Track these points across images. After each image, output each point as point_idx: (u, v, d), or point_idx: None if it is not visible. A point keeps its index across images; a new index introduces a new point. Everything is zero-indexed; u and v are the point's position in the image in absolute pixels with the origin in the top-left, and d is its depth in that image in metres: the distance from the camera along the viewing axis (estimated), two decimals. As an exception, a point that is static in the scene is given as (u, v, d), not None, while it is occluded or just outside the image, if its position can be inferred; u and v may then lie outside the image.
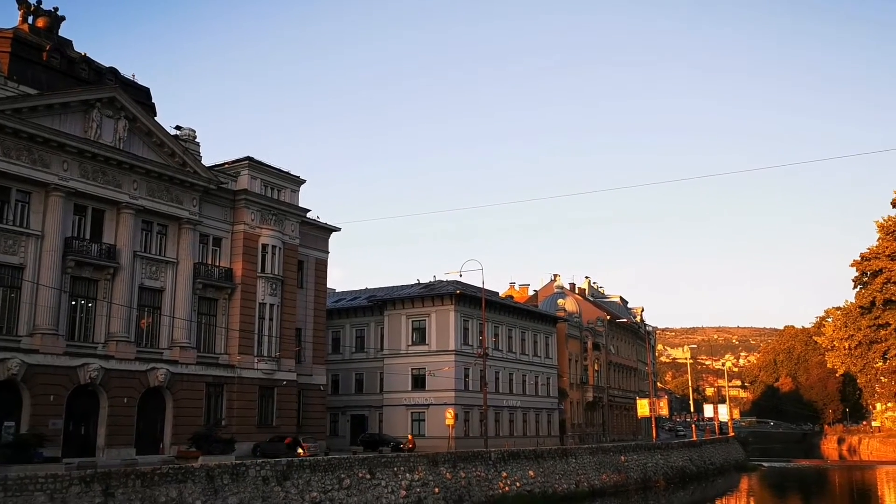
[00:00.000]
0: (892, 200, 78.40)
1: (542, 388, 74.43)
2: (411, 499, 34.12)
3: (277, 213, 50.74)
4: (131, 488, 23.46)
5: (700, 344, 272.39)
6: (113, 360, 40.15)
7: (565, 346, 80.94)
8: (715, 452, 75.54)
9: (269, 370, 48.62)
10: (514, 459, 42.69)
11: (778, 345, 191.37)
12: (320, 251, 57.28)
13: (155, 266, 44.03)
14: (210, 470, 26.62)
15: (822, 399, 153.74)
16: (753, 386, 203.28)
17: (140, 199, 42.69)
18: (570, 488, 45.52)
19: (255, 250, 49.14)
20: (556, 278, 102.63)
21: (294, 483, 29.50)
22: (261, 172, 50.33)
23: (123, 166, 41.72)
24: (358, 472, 32.60)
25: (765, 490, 64.70)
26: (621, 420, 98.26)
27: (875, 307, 77.53)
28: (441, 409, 57.37)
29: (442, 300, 63.67)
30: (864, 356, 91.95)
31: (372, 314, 67.98)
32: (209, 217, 47.22)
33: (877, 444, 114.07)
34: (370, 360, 67.02)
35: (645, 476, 54.61)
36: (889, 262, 75.96)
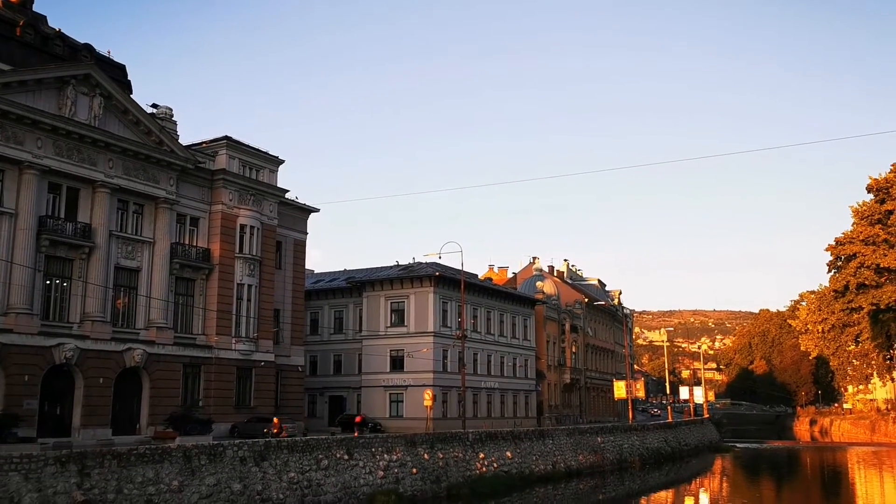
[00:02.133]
0: (868, 186, 79.27)
1: (519, 369, 74.81)
2: (389, 479, 34.21)
3: (256, 193, 50.36)
4: (107, 468, 23.32)
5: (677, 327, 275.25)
6: (88, 340, 39.80)
7: (543, 328, 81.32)
8: (690, 434, 76.36)
9: (246, 351, 48.44)
10: (492, 441, 42.89)
11: (753, 328, 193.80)
12: (299, 232, 56.99)
13: (131, 246, 43.59)
14: (187, 450, 26.51)
15: (796, 381, 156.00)
16: (728, 368, 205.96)
17: (116, 178, 42.17)
18: (548, 469, 45.85)
19: (234, 231, 48.78)
20: (535, 261, 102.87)
21: (272, 464, 29.47)
22: (239, 152, 49.89)
23: (98, 144, 41.16)
24: (336, 452, 32.60)
25: (738, 470, 65.56)
26: (598, 402, 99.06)
27: (848, 291, 78.58)
28: (419, 391, 57.50)
29: (421, 282, 63.67)
30: (836, 339, 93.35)
31: (350, 296, 67.87)
32: (186, 197, 46.77)
33: (848, 426, 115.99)
34: (349, 342, 66.98)
35: (621, 457, 55.12)
36: (863, 246, 76.90)
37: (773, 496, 49.03)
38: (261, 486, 28.51)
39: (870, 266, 74.99)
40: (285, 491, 29.38)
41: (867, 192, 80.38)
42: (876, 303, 73.75)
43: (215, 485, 26.69)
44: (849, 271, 78.06)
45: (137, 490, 23.85)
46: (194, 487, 25.85)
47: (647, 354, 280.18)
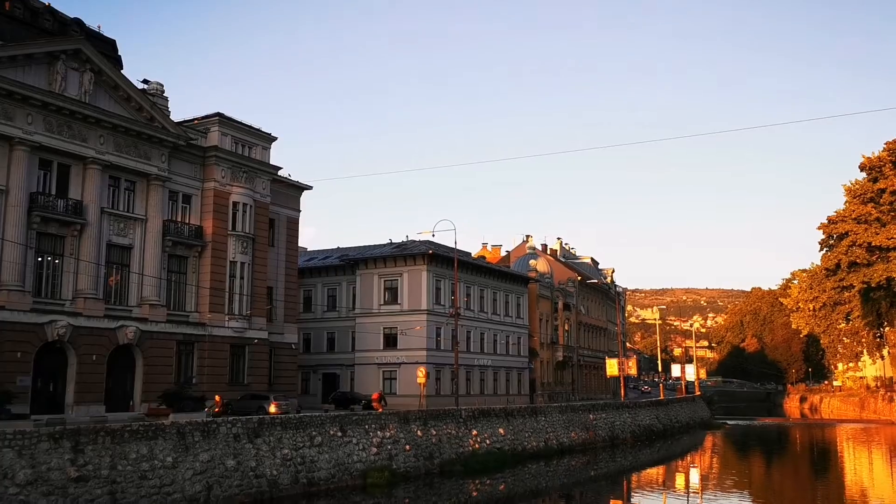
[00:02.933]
0: (861, 164, 79.31)
1: (512, 347, 75.10)
2: (382, 456, 34.39)
3: (248, 170, 50.12)
4: (101, 445, 23.36)
5: (669, 305, 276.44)
6: (81, 317, 39.73)
7: (536, 306, 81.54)
8: (681, 411, 76.94)
9: (240, 328, 48.45)
10: (485, 417, 43.12)
11: (745, 306, 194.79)
12: (292, 209, 56.82)
13: (123, 223, 43.40)
14: (181, 427, 26.56)
15: (786, 359, 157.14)
16: (720, 346, 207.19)
17: (107, 155, 41.88)
18: (540, 446, 46.16)
19: (226, 208, 48.60)
20: (529, 239, 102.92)
21: (265, 440, 29.57)
22: (231, 129, 49.59)
23: (89, 120, 40.84)
24: (329, 429, 32.73)
25: (728, 447, 66.17)
26: (590, 379, 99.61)
27: (840, 269, 78.88)
28: (412, 368, 57.69)
29: (414, 260, 63.69)
30: (827, 317, 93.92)
31: (344, 273, 67.87)
32: (178, 174, 46.51)
33: (837, 403, 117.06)
34: (342, 319, 67.05)
35: (613, 434, 55.52)
36: (855, 225, 77.09)
37: (762, 472, 49.50)
38: (254, 463, 28.63)
39: (861, 244, 75.22)
40: (279, 467, 29.51)
41: (860, 171, 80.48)
42: (867, 281, 74.10)
43: (209, 461, 26.79)
44: (840, 250, 78.31)
45: (131, 466, 23.92)
46: (188, 464, 25.94)
47: (639, 332, 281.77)
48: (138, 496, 23.67)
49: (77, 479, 22.13)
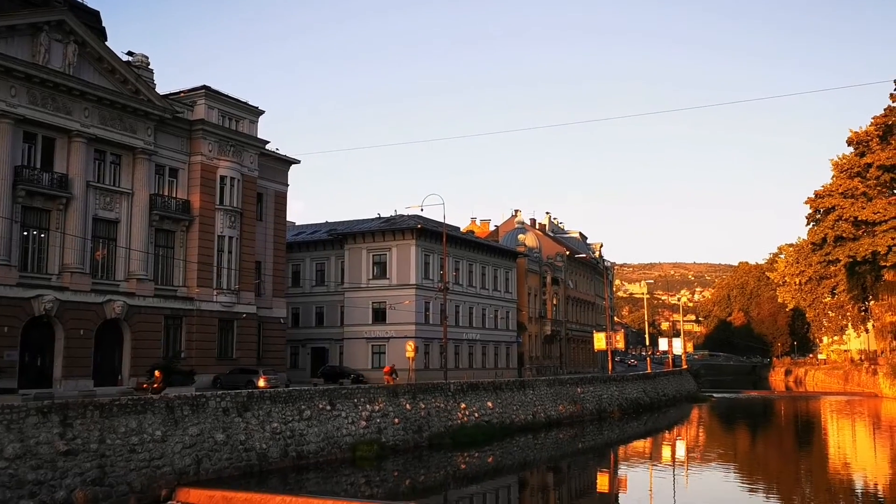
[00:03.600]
0: (848, 139, 79.43)
1: (501, 321, 75.36)
2: (371, 429, 34.56)
3: (235, 144, 49.76)
4: (90, 419, 23.34)
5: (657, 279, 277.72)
6: (68, 291, 39.56)
7: (525, 280, 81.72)
8: (668, 384, 77.54)
9: (228, 303, 48.38)
10: (473, 391, 43.36)
11: (732, 280, 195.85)
12: (280, 183, 56.53)
13: (109, 197, 43.07)
14: (170, 401, 26.57)
15: (772, 333, 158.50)
16: (707, 320, 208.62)
17: (92, 128, 41.46)
18: (528, 419, 46.49)
19: (213, 182, 48.30)
20: (517, 214, 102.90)
21: (255, 414, 29.65)
22: (218, 102, 49.15)
23: (74, 93, 40.36)
24: (318, 403, 32.83)
25: (714, 420, 66.85)
26: (578, 353, 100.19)
27: (826, 244, 79.28)
28: (401, 342, 57.83)
29: (403, 234, 63.61)
30: (813, 291, 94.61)
31: (332, 248, 67.75)
32: (165, 147, 46.14)
33: (822, 376, 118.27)
34: (331, 294, 67.04)
35: (600, 407, 55.96)
36: (841, 199, 77.39)
37: (747, 444, 50.08)
38: (244, 437, 28.72)
39: (848, 219, 75.59)
40: (268, 441, 29.62)
41: (847, 146, 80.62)
42: (853, 255, 74.53)
43: (198, 435, 26.85)
44: (827, 224, 78.65)
45: (120, 440, 23.94)
46: (177, 437, 25.98)
47: (627, 307, 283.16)
48: (127, 469, 23.72)
49: (66, 453, 22.14)
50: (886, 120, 75.22)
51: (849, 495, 29.84)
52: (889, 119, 75.05)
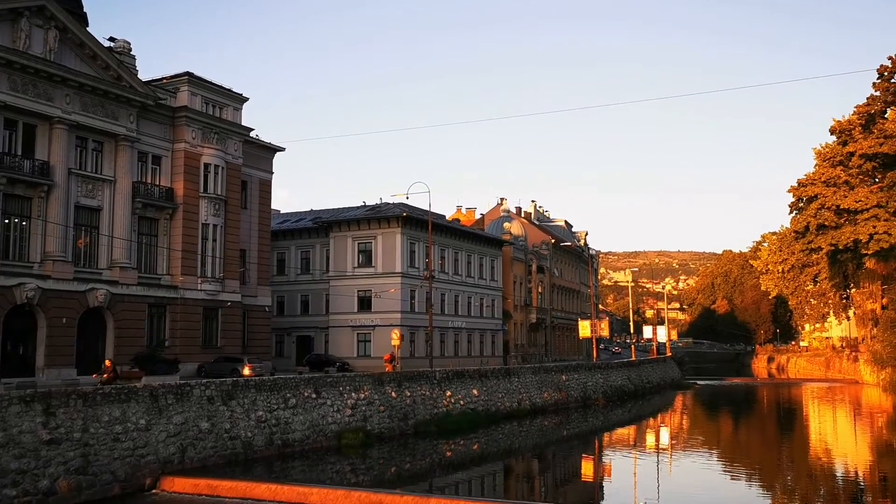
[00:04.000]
0: (831, 128, 79.80)
1: (486, 309, 75.48)
2: (357, 417, 34.57)
3: (219, 131, 49.41)
4: (73, 408, 23.19)
5: (641, 267, 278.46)
6: (50, 279, 39.24)
7: (510, 268, 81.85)
8: (652, 372, 77.99)
9: (213, 291, 48.16)
10: (459, 379, 43.42)
11: (716, 268, 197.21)
12: (264, 171, 56.24)
13: (91, 184, 42.69)
14: (154, 390, 26.43)
15: (756, 320, 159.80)
16: (691, 308, 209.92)
17: (73, 115, 41.03)
18: (513, 406, 46.64)
19: (197, 169, 47.97)
20: (503, 202, 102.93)
21: (239, 402, 29.56)
22: (201, 89, 48.75)
23: (55, 79, 39.91)
24: (304, 391, 32.78)
25: (697, 407, 67.36)
26: (563, 341, 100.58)
27: (809, 232, 79.69)
28: (387, 330, 57.82)
29: (388, 222, 63.50)
30: (796, 279, 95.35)
31: (317, 236, 67.54)
32: (147, 134, 45.75)
33: (804, 363, 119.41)
34: (316, 282, 66.89)
35: (585, 394, 56.22)
36: (824, 188, 77.77)
37: (730, 431, 50.49)
38: (229, 425, 28.65)
39: (830, 207, 76.00)
40: (253, 429, 29.56)
41: (830, 135, 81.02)
42: (835, 243, 75.01)
43: (183, 423, 26.76)
44: (809, 212, 79.06)
45: (104, 429, 23.82)
46: (161, 426, 25.88)
47: (612, 295, 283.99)
48: (111, 458, 23.62)
49: (49, 442, 22.01)
50: (869, 109, 75.65)
51: (829, 481, 30.17)
52: (871, 108, 75.48)
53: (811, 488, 28.29)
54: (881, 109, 75.83)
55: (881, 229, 69.62)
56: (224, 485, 23.55)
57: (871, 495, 27.18)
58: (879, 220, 70.11)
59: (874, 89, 75.49)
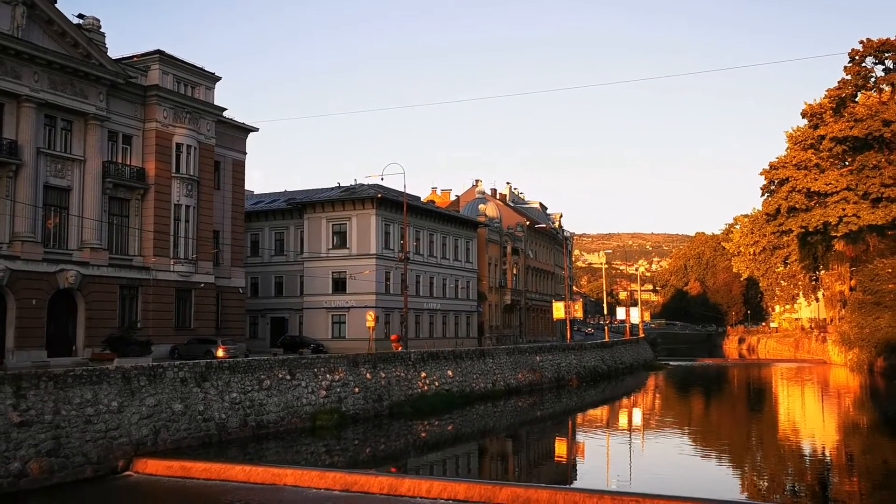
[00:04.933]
0: (802, 111, 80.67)
1: (461, 291, 75.63)
2: (331, 399, 34.59)
3: (192, 110, 48.78)
4: (44, 390, 22.97)
5: (615, 249, 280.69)
6: (19, 260, 38.61)
7: (485, 250, 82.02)
8: (625, 353, 78.80)
9: (185, 272, 47.74)
10: (434, 360, 43.58)
11: (689, 250, 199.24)
12: (237, 152, 55.68)
13: (60, 164, 41.98)
14: (126, 372, 26.25)
15: (727, 302, 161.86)
16: (664, 290, 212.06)
17: (42, 92, 40.22)
18: (488, 387, 46.93)
19: (169, 149, 47.36)
20: (478, 184, 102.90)
21: (213, 384, 29.46)
22: (173, 67, 48.03)
23: (22, 56, 39.05)
24: (278, 373, 32.74)
25: (669, 387, 68.20)
26: (538, 322, 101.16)
27: (780, 214, 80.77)
28: (362, 312, 57.74)
29: (363, 204, 63.26)
30: (767, 261, 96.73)
31: (291, 217, 67.14)
32: (118, 113, 45.01)
33: (773, 344, 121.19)
34: (290, 264, 66.56)
35: (559, 375, 56.70)
36: (795, 171, 78.75)
37: (701, 410, 51.22)
38: (202, 407, 28.55)
39: (801, 190, 77.00)
40: (227, 411, 29.50)
41: (802, 118, 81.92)
42: (805, 226, 76.11)
43: (156, 405, 26.62)
44: (781, 195, 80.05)
45: (76, 411, 23.63)
46: (134, 408, 25.73)
47: (586, 276, 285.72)
48: (83, 440, 23.46)
49: (20, 425, 21.81)
50: (840, 93, 76.57)
51: (797, 460, 30.75)
52: (842, 91, 76.40)
53: (780, 467, 28.82)
54: (852, 93, 76.78)
55: (850, 212, 70.71)
56: (198, 466, 23.51)
57: (837, 473, 27.74)
58: (849, 203, 71.19)
59: (845, 73, 76.40)
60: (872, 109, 70.06)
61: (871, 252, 72.20)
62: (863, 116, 70.13)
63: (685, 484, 23.77)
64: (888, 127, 67.64)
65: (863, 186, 70.18)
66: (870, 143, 71.25)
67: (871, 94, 76.06)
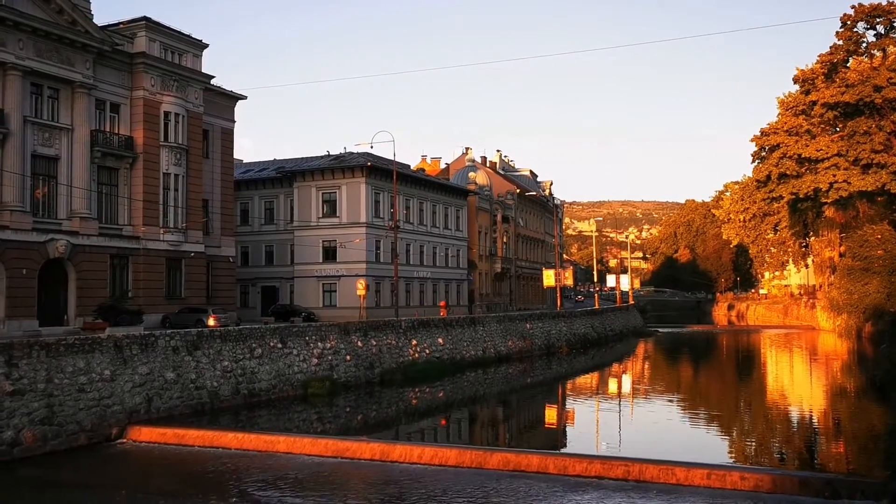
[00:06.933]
0: (794, 77, 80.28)
1: (451, 259, 75.73)
2: (323, 366, 34.79)
3: (179, 78, 48.31)
4: (36, 359, 23.01)
5: (605, 217, 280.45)
6: (8, 230, 38.41)
7: (475, 218, 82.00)
8: (615, 320, 79.34)
9: (175, 242, 47.63)
10: (424, 328, 43.80)
11: (679, 218, 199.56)
12: (226, 120, 55.27)
13: (48, 133, 41.61)
14: (118, 341, 26.30)
15: (717, 269, 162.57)
16: (654, 257, 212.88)
17: (27, 60, 39.72)
18: (478, 354, 47.24)
19: (157, 118, 46.97)
20: (468, 151, 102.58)
21: (205, 353, 29.56)
22: (159, 35, 47.46)
23: (7, 23, 38.47)
24: (269, 341, 32.86)
25: (659, 354, 68.78)
26: (528, 290, 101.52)
27: (770, 181, 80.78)
28: (352, 281, 57.82)
29: (353, 172, 63.02)
30: (756, 228, 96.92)
31: (281, 186, 66.86)
32: (105, 81, 44.54)
33: (762, 310, 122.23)
34: (280, 233, 66.43)
35: (549, 342, 57.07)
36: (786, 137, 78.63)
37: (690, 377, 51.74)
38: (194, 375, 28.68)
39: (792, 156, 76.95)
40: (219, 379, 29.64)
41: (794, 84, 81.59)
42: (795, 192, 76.20)
43: (148, 374, 26.73)
44: (772, 161, 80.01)
45: (68, 380, 23.71)
46: (127, 377, 25.83)
47: (576, 244, 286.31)
48: (77, 409, 23.57)
49: (13, 393, 21.88)
50: (832, 58, 76.20)
51: (785, 425, 31.16)
52: (834, 57, 76.04)
53: (767, 431, 29.21)
54: (844, 58, 76.44)
55: (841, 178, 70.80)
56: (191, 433, 23.69)
57: (824, 438, 28.16)
58: (839, 169, 71.24)
59: (837, 38, 75.97)
60: (864, 75, 69.80)
61: (861, 218, 72.39)
62: (854, 82, 69.90)
63: (674, 449, 24.10)
64: (879, 93, 67.44)
65: (853, 152, 70.17)
66: (861, 109, 71.10)
67: (863, 59, 75.76)
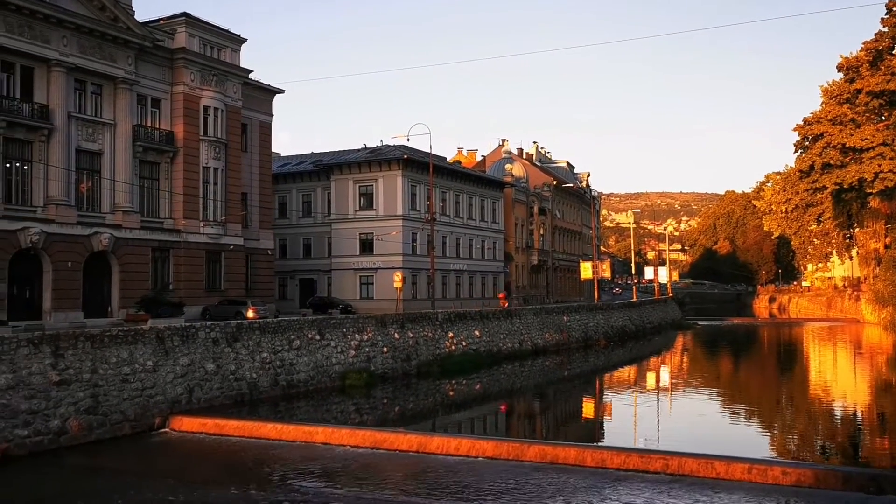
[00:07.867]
0: (838, 65, 78.68)
1: (488, 251, 75.67)
2: (360, 358, 35.00)
3: (218, 73, 48.87)
4: (81, 350, 23.48)
5: (643, 209, 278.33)
6: (54, 224, 39.30)
7: (512, 210, 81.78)
8: (653, 312, 78.59)
9: (215, 235, 48.27)
10: (461, 320, 43.80)
11: (718, 209, 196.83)
12: (264, 114, 55.81)
13: (91, 128, 42.42)
14: (160, 332, 26.72)
15: (757, 261, 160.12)
16: (693, 249, 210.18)
17: (71, 57, 40.51)
18: (515, 347, 47.14)
19: (197, 112, 47.60)
20: (504, 143, 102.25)
21: (244, 344, 29.91)
22: (199, 30, 48.05)
23: (51, 20, 39.29)
24: (308, 333, 33.12)
25: (698, 347, 68.00)
26: (565, 282, 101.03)
27: (813, 171, 79.37)
28: (389, 273, 58.08)
29: (389, 165, 63.23)
30: (799, 219, 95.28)
31: (318, 179, 67.33)
32: (146, 77, 45.26)
33: (805, 303, 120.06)
34: (318, 225, 66.94)
35: (586, 335, 56.73)
36: (830, 126, 77.13)
37: (729, 370, 51.05)
38: (234, 366, 29.04)
39: (836, 146, 75.48)
40: (258, 370, 29.98)
41: (838, 72, 79.94)
42: (839, 182, 74.74)
43: (189, 364, 27.13)
44: (815, 151, 78.59)
45: (112, 370, 24.16)
46: (168, 367, 26.25)
47: (613, 236, 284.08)
48: (121, 399, 24.02)
49: (59, 384, 22.35)
50: (877, 45, 74.45)
51: (828, 419, 30.62)
52: (879, 44, 74.28)
53: (810, 426, 28.75)
54: (889, 45, 74.62)
55: (886, 168, 69.28)
56: (231, 424, 24.00)
57: (868, 433, 27.61)
58: (885, 159, 69.72)
59: (882, 25, 74.19)
60: (910, 63, 68.19)
61: (908, 209, 70.86)
62: (900, 70, 68.31)
63: (713, 443, 23.77)
64: (926, 81, 65.86)
65: (899, 142, 68.63)
66: (907, 98, 69.49)
67: (910, 46, 73.94)
